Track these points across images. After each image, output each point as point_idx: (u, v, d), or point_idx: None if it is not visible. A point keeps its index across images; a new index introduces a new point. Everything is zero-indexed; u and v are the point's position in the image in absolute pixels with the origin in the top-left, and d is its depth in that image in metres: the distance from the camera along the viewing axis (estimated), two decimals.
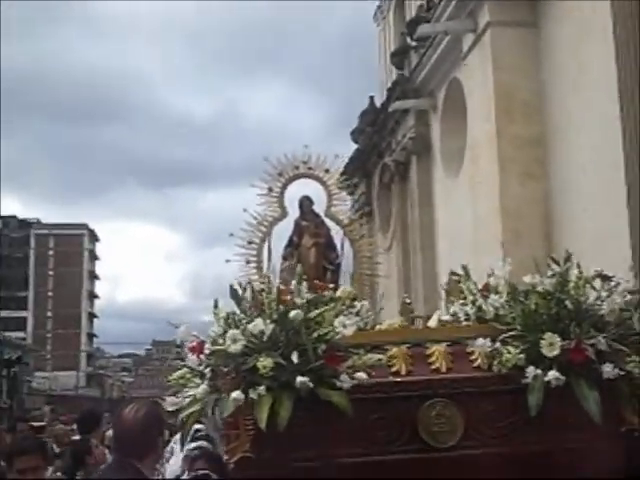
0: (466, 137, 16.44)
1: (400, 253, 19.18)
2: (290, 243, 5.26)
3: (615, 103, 10.96)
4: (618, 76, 10.77)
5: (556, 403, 3.32)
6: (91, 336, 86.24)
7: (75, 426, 9.23)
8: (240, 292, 3.53)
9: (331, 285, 4.15)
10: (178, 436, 5.58)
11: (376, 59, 25.53)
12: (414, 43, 18.54)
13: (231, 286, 3.50)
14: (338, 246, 5.17)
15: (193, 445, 5.35)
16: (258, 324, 3.24)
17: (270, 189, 4.64)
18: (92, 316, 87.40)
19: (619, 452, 3.33)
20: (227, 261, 4.52)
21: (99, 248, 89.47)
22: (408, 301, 4.08)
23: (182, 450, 5.49)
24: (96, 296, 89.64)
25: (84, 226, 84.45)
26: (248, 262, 4.55)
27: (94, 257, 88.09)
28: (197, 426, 5.18)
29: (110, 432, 7.55)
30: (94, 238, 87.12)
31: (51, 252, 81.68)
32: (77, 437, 8.00)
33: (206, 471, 4.10)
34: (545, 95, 14.21)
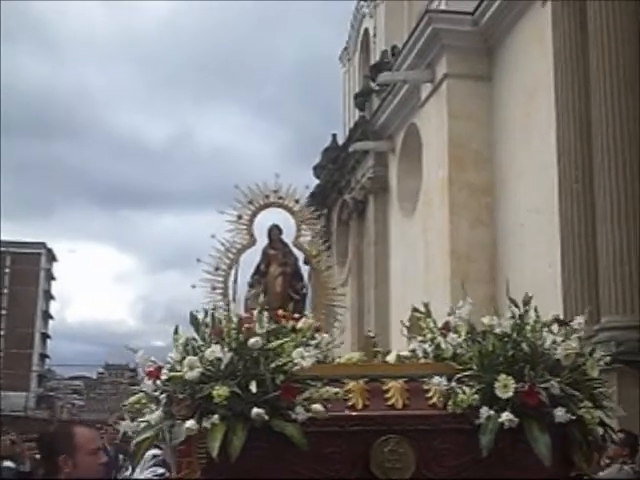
0: (422, 180, 16.61)
1: (355, 288, 19.25)
2: (257, 271, 5.17)
3: (553, 155, 11.09)
4: (557, 127, 10.92)
5: (508, 445, 3.23)
6: (43, 357, 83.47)
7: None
8: (200, 319, 3.39)
9: (296, 315, 4.04)
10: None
11: (334, 96, 25.83)
12: (376, 87, 18.78)
13: (191, 312, 3.37)
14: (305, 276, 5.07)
15: (148, 471, 5.18)
16: (215, 351, 3.13)
17: (240, 216, 4.53)
18: (45, 336, 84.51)
19: None
20: (193, 286, 4.38)
21: (56, 268, 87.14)
22: (371, 335, 3.98)
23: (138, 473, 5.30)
24: (51, 316, 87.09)
25: (42, 245, 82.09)
26: (214, 288, 4.42)
27: (50, 277, 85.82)
28: (154, 451, 5.01)
29: None
30: (51, 257, 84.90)
31: (7, 270, 78.95)
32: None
33: None
34: (496, 145, 14.53)
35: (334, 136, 22.58)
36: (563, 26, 11.26)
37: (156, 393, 3.28)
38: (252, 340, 3.21)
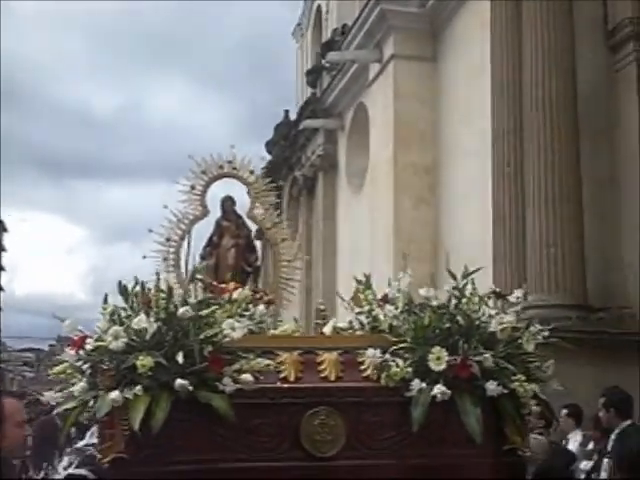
0: (369, 158, 16.52)
1: (304, 264, 19.11)
2: (210, 243, 4.97)
3: (489, 139, 11.12)
4: (492, 111, 10.97)
5: (440, 418, 3.11)
6: None
7: None
8: (130, 288, 3.18)
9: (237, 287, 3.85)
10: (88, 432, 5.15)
11: (285, 71, 25.73)
12: (327, 65, 18.57)
13: (119, 281, 3.16)
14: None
15: (82, 443, 4.96)
16: (141, 320, 2.93)
17: (192, 187, 4.30)
18: None
19: (500, 470, 3.14)
20: (144, 257, 4.15)
21: (8, 239, 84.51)
22: (322, 307, 3.82)
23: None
24: (1, 288, 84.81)
25: None
26: (165, 259, 4.19)
27: (1, 248, 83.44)
28: None
29: None
30: (2, 228, 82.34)
31: None
32: None
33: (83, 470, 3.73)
34: (440, 125, 14.46)
35: (286, 112, 22.30)
36: (501, 14, 11.32)
37: (79, 363, 3.07)
38: (181, 310, 3.03)
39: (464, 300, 3.20)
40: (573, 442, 7.49)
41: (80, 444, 5.46)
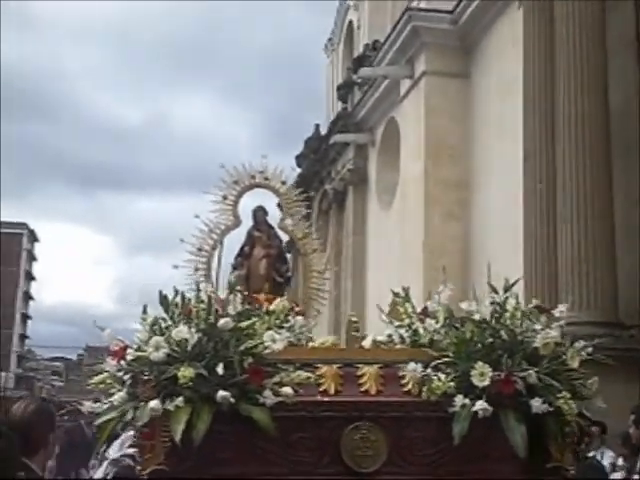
0: (399, 173, 16.45)
1: (333, 277, 19.05)
2: (241, 253, 4.91)
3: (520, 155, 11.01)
4: (524, 128, 10.87)
5: (482, 434, 3.01)
6: (23, 337, 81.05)
7: None
8: (170, 298, 3.14)
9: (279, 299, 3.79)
10: (117, 441, 5.11)
11: (314, 85, 25.78)
12: (358, 80, 18.56)
13: (160, 291, 3.12)
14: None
15: (119, 454, 4.92)
16: (182, 331, 2.87)
17: (225, 197, 4.27)
18: (25, 317, 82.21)
19: None
20: (175, 267, 4.12)
21: (38, 249, 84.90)
22: (355, 319, 3.75)
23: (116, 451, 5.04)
24: (31, 297, 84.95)
25: (24, 225, 79.42)
26: (197, 269, 4.16)
27: (32, 257, 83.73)
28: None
29: None
30: (33, 238, 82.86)
31: None
32: None
33: None
34: (471, 141, 14.39)
35: (317, 126, 22.29)
36: (533, 31, 11.24)
37: (120, 373, 3.03)
38: (222, 321, 2.98)
39: (507, 314, 3.11)
40: (607, 458, 7.35)
41: (112, 454, 5.43)
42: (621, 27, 10.84)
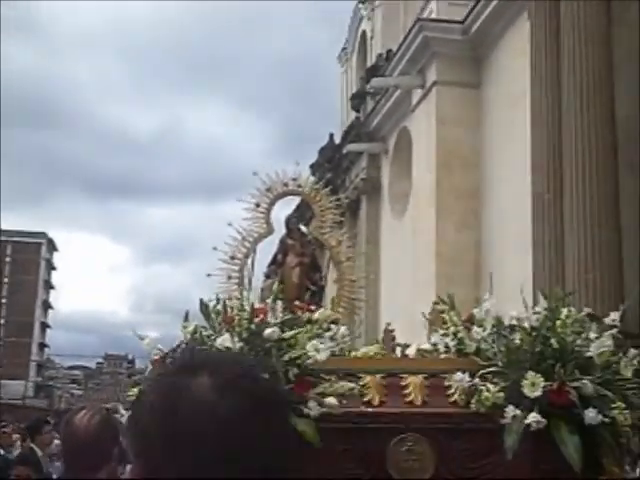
0: (412, 183, 16.32)
1: (363, 289, 18.87)
2: (274, 261, 4.77)
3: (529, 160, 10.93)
4: (531, 139, 10.80)
5: (534, 446, 2.86)
6: (42, 346, 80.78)
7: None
8: (211, 306, 3.01)
9: (312, 307, 3.65)
10: None
11: (326, 95, 25.71)
12: (371, 90, 18.44)
13: (201, 299, 2.98)
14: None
15: None
16: (225, 340, 2.74)
17: (257, 204, 4.14)
18: (45, 326, 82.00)
19: None
20: (208, 275, 3.99)
21: (57, 258, 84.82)
22: (391, 328, 3.61)
23: None
24: (50, 306, 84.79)
25: (43, 235, 79.20)
26: (230, 278, 4.03)
27: (51, 266, 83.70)
28: None
29: (57, 442, 6.88)
30: (52, 247, 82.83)
31: (8, 259, 75.47)
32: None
33: None
34: (482, 150, 14.26)
35: (331, 135, 22.16)
36: (540, 43, 11.19)
37: None
38: (268, 331, 2.84)
39: (558, 322, 2.97)
40: None
41: None
42: (627, 41, 10.79)
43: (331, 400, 2.84)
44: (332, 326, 3.22)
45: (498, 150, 13.79)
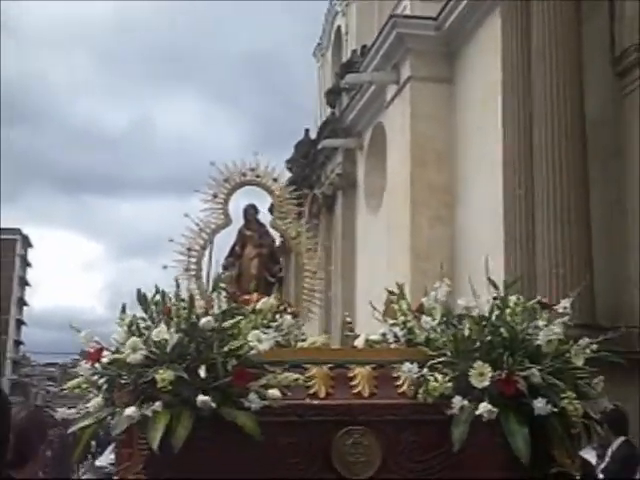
0: (387, 178, 16.24)
1: (323, 280, 18.74)
2: (232, 253, 4.62)
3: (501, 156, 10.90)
4: (503, 135, 10.76)
5: (482, 438, 2.74)
6: (18, 343, 79.33)
7: None
8: (149, 297, 2.86)
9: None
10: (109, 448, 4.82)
11: (300, 90, 25.56)
12: (346, 85, 18.32)
13: (138, 289, 2.83)
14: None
15: (106, 462, 4.64)
16: (161, 331, 2.60)
17: (215, 195, 3.99)
18: (20, 323, 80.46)
19: None
20: (164, 267, 3.83)
21: (31, 254, 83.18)
22: (349, 320, 3.48)
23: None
24: (25, 303, 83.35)
25: (17, 231, 77.95)
26: (187, 270, 3.88)
27: (26, 263, 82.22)
28: None
29: None
30: (27, 244, 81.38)
31: None
32: None
33: None
34: (456, 145, 14.20)
35: (307, 131, 21.99)
36: (510, 40, 11.23)
37: (95, 378, 2.75)
38: (203, 320, 2.70)
39: (507, 311, 2.85)
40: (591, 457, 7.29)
41: (99, 462, 5.15)
42: (596, 37, 10.81)
43: (274, 392, 2.71)
44: (278, 317, 3.08)
45: (471, 145, 13.73)
